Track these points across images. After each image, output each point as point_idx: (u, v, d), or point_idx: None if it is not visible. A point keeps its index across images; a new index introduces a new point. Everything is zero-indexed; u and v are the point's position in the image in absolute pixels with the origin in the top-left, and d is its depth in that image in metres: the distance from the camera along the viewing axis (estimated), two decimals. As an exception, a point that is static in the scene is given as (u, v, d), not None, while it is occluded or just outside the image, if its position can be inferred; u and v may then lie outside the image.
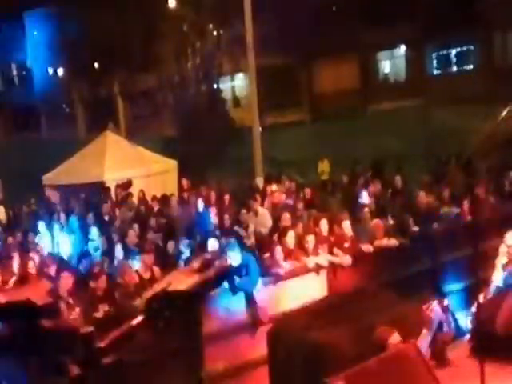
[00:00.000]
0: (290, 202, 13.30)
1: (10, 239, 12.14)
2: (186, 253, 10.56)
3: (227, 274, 2.35)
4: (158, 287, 2.11)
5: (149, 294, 2.10)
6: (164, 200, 14.50)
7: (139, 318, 2.14)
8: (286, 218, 10.99)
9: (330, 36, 31.44)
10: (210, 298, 6.73)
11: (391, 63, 37.08)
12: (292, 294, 8.99)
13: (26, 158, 25.35)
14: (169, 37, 27.70)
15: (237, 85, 36.21)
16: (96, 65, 35.96)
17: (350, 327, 6.68)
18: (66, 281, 8.37)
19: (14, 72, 42.12)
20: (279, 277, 9.18)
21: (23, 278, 9.15)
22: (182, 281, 2.29)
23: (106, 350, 2.02)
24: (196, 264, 2.23)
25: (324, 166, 18.99)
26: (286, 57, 33.20)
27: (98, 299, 8.46)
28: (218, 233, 11.54)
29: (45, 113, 38.79)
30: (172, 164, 18.67)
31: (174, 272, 8.27)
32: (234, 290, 7.48)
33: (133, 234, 11.31)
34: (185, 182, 16.54)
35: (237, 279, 8.00)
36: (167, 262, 10.29)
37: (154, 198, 14.90)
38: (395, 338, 6.18)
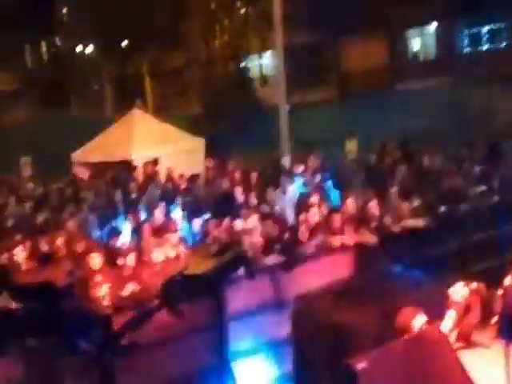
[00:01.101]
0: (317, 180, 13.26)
1: (39, 217, 12.30)
2: (213, 232, 10.61)
3: (243, 258, 2.35)
4: (175, 270, 2.15)
5: (167, 277, 2.13)
6: (191, 178, 14.57)
7: (157, 301, 2.17)
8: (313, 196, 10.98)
9: (359, 13, 31.06)
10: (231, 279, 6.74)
11: (421, 41, 36.54)
12: (317, 274, 9.00)
13: (54, 136, 25.59)
14: (197, 14, 27.63)
15: (264, 63, 36.02)
16: (125, 42, 36.05)
17: (375, 308, 6.68)
18: (95, 259, 8.51)
19: (44, 49, 42.38)
20: (304, 256, 9.19)
21: (49, 257, 9.26)
22: (198, 264, 2.32)
23: (123, 332, 2.05)
24: (213, 248, 2.24)
25: (351, 145, 18.85)
26: (313, 34, 32.91)
27: (126, 278, 8.56)
28: (243, 211, 11.56)
29: (73, 90, 39.04)
30: (199, 142, 18.72)
31: (192, 255, 8.34)
32: (251, 274, 7.51)
33: (159, 213, 11.39)
34: (211, 160, 16.59)
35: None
36: (193, 241, 10.38)
37: (180, 176, 14.98)
38: (420, 319, 6.17)
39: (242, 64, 30.23)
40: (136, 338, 1.92)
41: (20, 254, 9.22)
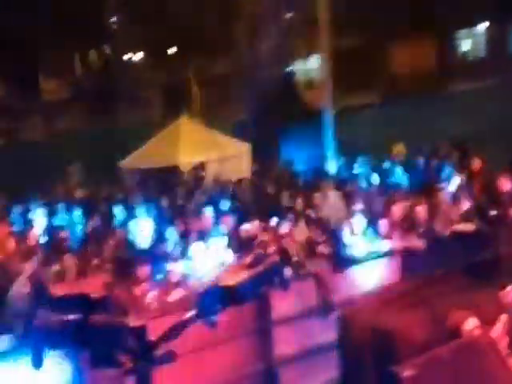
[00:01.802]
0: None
1: (88, 224, 12.47)
2: (261, 236, 10.57)
3: (277, 269, 2.32)
4: (209, 282, 2.13)
5: (202, 287, 2.12)
6: (237, 183, 14.60)
7: (192, 312, 2.15)
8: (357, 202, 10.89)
9: (407, 14, 30.69)
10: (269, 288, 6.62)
11: (471, 41, 35.92)
12: (364, 279, 8.90)
13: (103, 143, 25.97)
14: (242, 20, 27.73)
15: (310, 67, 35.92)
16: (173, 50, 36.44)
17: (423, 313, 6.54)
18: (143, 267, 8.60)
19: (93, 58, 43.13)
20: (352, 261, 9.11)
21: (87, 268, 9.32)
22: (232, 276, 2.29)
23: (158, 343, 2.04)
24: (248, 259, 2.22)
25: (399, 148, 18.61)
26: (361, 37, 32.67)
27: (173, 284, 8.62)
28: (290, 216, 11.51)
29: (122, 98, 39.63)
30: (245, 147, 18.75)
31: (227, 267, 8.32)
32: (284, 285, 7.47)
33: (207, 218, 11.42)
34: (259, 164, 16.58)
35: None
36: (241, 246, 10.36)
37: (227, 181, 15.02)
38: (471, 322, 5.99)
39: (288, 68, 30.17)
40: (174, 347, 1.91)
41: (70, 263, 9.37)
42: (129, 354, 2.00)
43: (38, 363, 1.99)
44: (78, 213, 12.98)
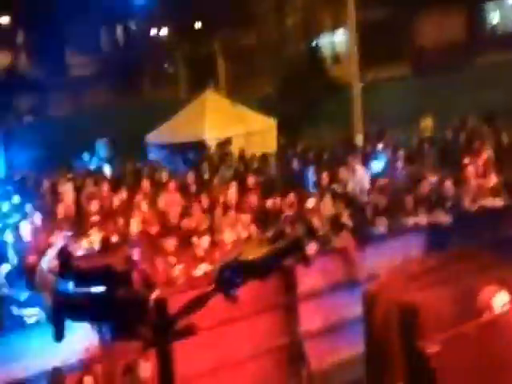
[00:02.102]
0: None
1: (115, 198, 12.53)
2: (286, 211, 10.57)
3: (298, 244, 2.31)
4: (229, 256, 2.12)
5: (220, 262, 2.12)
6: (263, 158, 14.56)
7: (212, 285, 2.15)
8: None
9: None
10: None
11: (499, 13, 35.19)
12: (389, 254, 8.86)
13: (129, 118, 26.08)
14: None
15: (337, 40, 35.52)
16: (197, 23, 36.24)
17: (450, 289, 6.49)
18: (169, 240, 8.67)
19: (119, 32, 43.12)
20: (377, 236, 9.07)
21: (108, 242, 9.39)
22: (253, 250, 2.27)
23: (179, 316, 2.05)
24: (269, 233, 2.20)
25: (427, 123, 18.38)
26: (387, 9, 32.15)
27: (199, 258, 8.67)
28: (316, 190, 11.47)
29: (147, 73, 39.63)
30: (271, 122, 18.66)
31: (248, 241, 8.33)
32: (306, 261, 7.45)
33: (232, 193, 11.42)
34: (283, 140, 16.50)
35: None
36: (266, 221, 10.35)
37: (252, 156, 14.98)
38: (501, 298, 5.89)
39: (314, 42, 29.86)
40: (196, 321, 1.92)
41: (96, 236, 9.46)
42: (149, 326, 2.02)
43: (59, 335, 2.03)
44: (104, 187, 13.04)
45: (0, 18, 37.07)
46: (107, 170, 15.89)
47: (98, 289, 2.09)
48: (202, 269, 8.53)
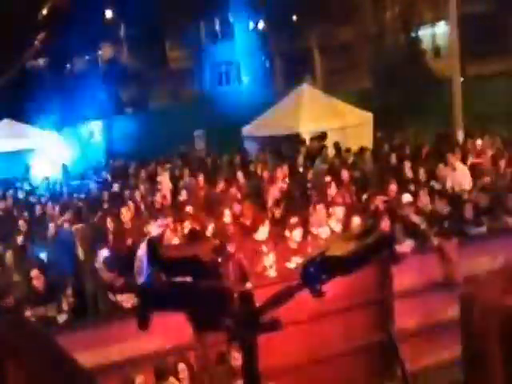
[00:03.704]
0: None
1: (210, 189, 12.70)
2: (380, 206, 10.37)
3: (387, 241, 2.22)
4: (315, 251, 2.06)
5: (306, 257, 2.07)
6: (359, 153, 14.36)
7: (297, 280, 2.10)
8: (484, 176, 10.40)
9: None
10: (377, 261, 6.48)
11: None
12: (490, 255, 8.51)
13: (226, 111, 26.37)
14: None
15: (437, 33, 34.57)
16: (294, 18, 36.19)
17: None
18: (262, 230, 8.69)
19: (217, 27, 43.69)
20: (477, 236, 8.74)
21: (197, 232, 9.47)
22: (340, 246, 2.18)
23: (264, 310, 2.01)
24: (357, 229, 2.13)
25: (532, 120, 17.62)
26: (490, 2, 30.97)
27: (292, 250, 8.63)
28: (412, 187, 11.19)
29: (245, 66, 39.98)
30: (367, 116, 18.40)
31: (335, 236, 8.19)
32: (394, 259, 7.21)
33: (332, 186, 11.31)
34: (380, 134, 16.22)
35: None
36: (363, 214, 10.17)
37: (348, 150, 14.81)
38: None
39: (414, 35, 29.19)
40: (285, 315, 1.89)
41: (188, 225, 9.59)
42: (234, 319, 1.99)
43: (144, 324, 2.05)
44: (201, 177, 13.24)
45: (104, 13, 38.33)
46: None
47: (185, 279, 2.08)
48: (294, 262, 8.49)
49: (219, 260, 6.24)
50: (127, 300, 7.60)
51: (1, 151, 18.47)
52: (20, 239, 10.23)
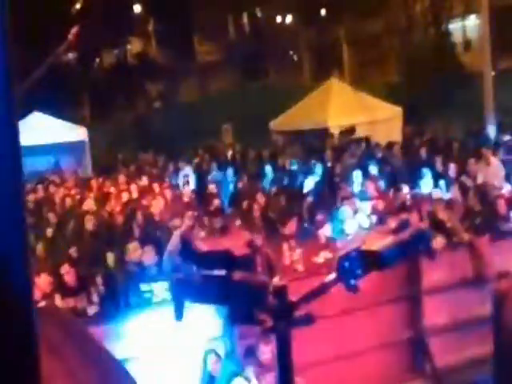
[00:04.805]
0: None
1: (238, 183, 12.71)
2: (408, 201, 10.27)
3: (423, 237, 2.18)
4: (351, 246, 2.04)
5: (342, 252, 2.05)
6: (388, 147, 14.25)
7: (333, 275, 2.07)
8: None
9: None
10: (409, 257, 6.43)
11: None
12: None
13: (254, 104, 26.34)
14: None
15: (468, 26, 34.12)
16: (323, 11, 36.01)
17: None
18: (291, 223, 8.67)
19: (245, 20, 43.62)
20: (509, 232, 8.61)
21: (227, 227, 9.46)
22: (375, 241, 2.15)
23: (298, 304, 2.00)
24: (393, 224, 2.09)
25: None
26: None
27: (321, 245, 8.60)
28: (443, 182, 11.07)
29: (273, 60, 39.88)
30: (397, 111, 18.24)
31: (372, 231, 8.13)
32: (430, 254, 7.10)
33: (358, 182, 11.26)
34: (409, 128, 16.08)
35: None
36: (392, 209, 10.09)
37: (377, 144, 14.70)
38: None
39: (444, 28, 28.84)
40: (317, 310, 1.88)
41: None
42: (269, 312, 1.98)
43: (179, 315, 2.05)
44: (229, 171, 13.26)
45: (133, 7, 38.50)
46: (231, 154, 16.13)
47: (218, 272, 2.07)
48: (322, 256, 8.45)
49: (251, 254, 6.19)
50: (159, 291, 7.61)
51: (31, 144, 18.64)
52: (50, 231, 10.32)
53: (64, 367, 1.13)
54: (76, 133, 19.46)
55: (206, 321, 6.88)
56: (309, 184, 12.08)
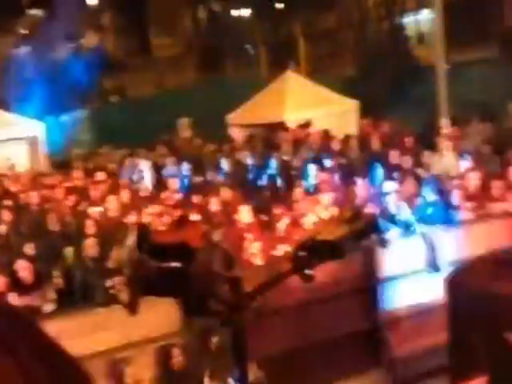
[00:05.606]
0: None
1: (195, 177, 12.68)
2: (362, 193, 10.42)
3: (376, 224, 2.25)
4: (306, 236, 2.09)
5: (297, 242, 2.10)
6: (344, 140, 14.39)
7: (287, 265, 2.11)
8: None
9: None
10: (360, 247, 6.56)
11: None
12: (474, 240, 8.58)
13: (211, 98, 26.26)
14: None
15: (421, 20, 34.58)
16: (279, 5, 36.08)
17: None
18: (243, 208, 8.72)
19: (202, 14, 43.42)
20: (461, 222, 8.81)
21: (184, 218, 9.46)
22: (330, 230, 2.21)
23: (253, 295, 2.03)
24: (347, 213, 2.13)
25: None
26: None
27: (278, 239, 8.67)
28: (397, 174, 11.24)
29: (229, 54, 39.83)
30: (353, 104, 18.40)
31: (324, 222, 8.25)
32: (383, 243, 7.22)
33: (313, 174, 11.36)
34: (365, 122, 16.26)
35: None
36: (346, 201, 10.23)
37: (333, 137, 14.83)
38: None
39: (397, 22, 29.20)
40: (273, 301, 1.90)
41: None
42: (224, 304, 2.00)
43: (133, 308, 2.06)
44: (186, 166, 13.21)
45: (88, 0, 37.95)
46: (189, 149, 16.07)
47: (173, 264, 2.10)
48: (281, 249, 8.52)
49: (206, 246, 6.26)
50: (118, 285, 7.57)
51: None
52: (3, 228, 10.13)
53: (19, 366, 1.14)
54: (29, 127, 19.13)
55: (163, 314, 6.89)
56: (264, 178, 12.14)
